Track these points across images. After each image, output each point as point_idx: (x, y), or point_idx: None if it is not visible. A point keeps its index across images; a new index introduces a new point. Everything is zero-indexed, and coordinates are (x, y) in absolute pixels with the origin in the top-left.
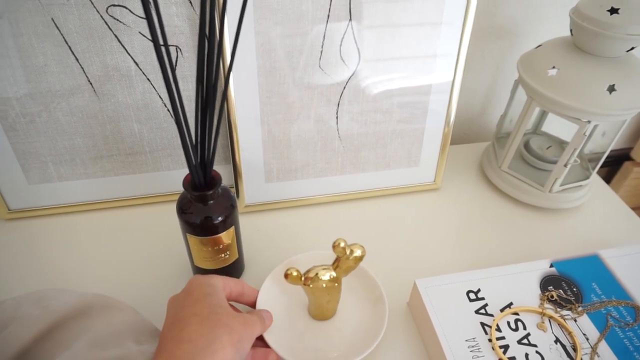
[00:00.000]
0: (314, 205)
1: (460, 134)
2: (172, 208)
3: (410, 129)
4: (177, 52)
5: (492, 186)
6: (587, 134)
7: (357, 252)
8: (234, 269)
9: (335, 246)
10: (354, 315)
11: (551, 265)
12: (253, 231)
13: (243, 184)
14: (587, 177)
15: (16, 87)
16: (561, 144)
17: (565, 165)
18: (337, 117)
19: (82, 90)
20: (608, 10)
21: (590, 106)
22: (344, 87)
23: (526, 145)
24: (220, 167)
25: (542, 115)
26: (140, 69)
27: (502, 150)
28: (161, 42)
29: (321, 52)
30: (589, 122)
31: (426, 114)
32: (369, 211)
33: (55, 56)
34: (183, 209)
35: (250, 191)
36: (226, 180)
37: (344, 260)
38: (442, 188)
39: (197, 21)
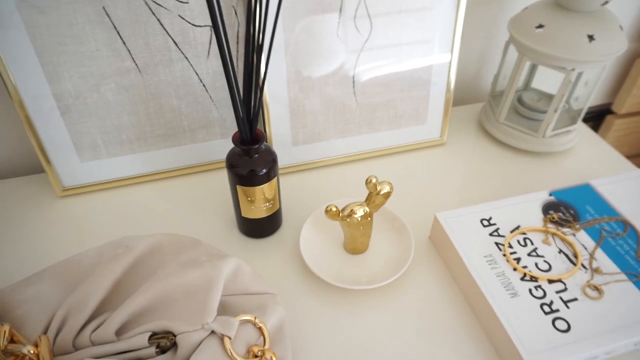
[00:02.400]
0: (336, 165)
1: (457, 97)
2: (210, 176)
3: (415, 95)
4: (210, 31)
5: (491, 138)
6: (573, 80)
7: (386, 188)
8: (275, 219)
9: (367, 182)
10: (384, 249)
11: (550, 194)
12: (286, 189)
13: (273, 147)
14: (575, 123)
15: (72, 72)
16: (550, 97)
17: (556, 111)
18: (353, 82)
19: (128, 71)
20: None
21: (574, 55)
22: (359, 55)
23: (519, 100)
24: None
25: (532, 73)
26: (179, 49)
27: (498, 105)
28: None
29: (338, 22)
30: (573, 69)
31: (429, 84)
32: (384, 167)
33: (106, 41)
34: (232, 164)
35: (279, 155)
36: None
37: (374, 196)
38: (448, 143)
39: None
